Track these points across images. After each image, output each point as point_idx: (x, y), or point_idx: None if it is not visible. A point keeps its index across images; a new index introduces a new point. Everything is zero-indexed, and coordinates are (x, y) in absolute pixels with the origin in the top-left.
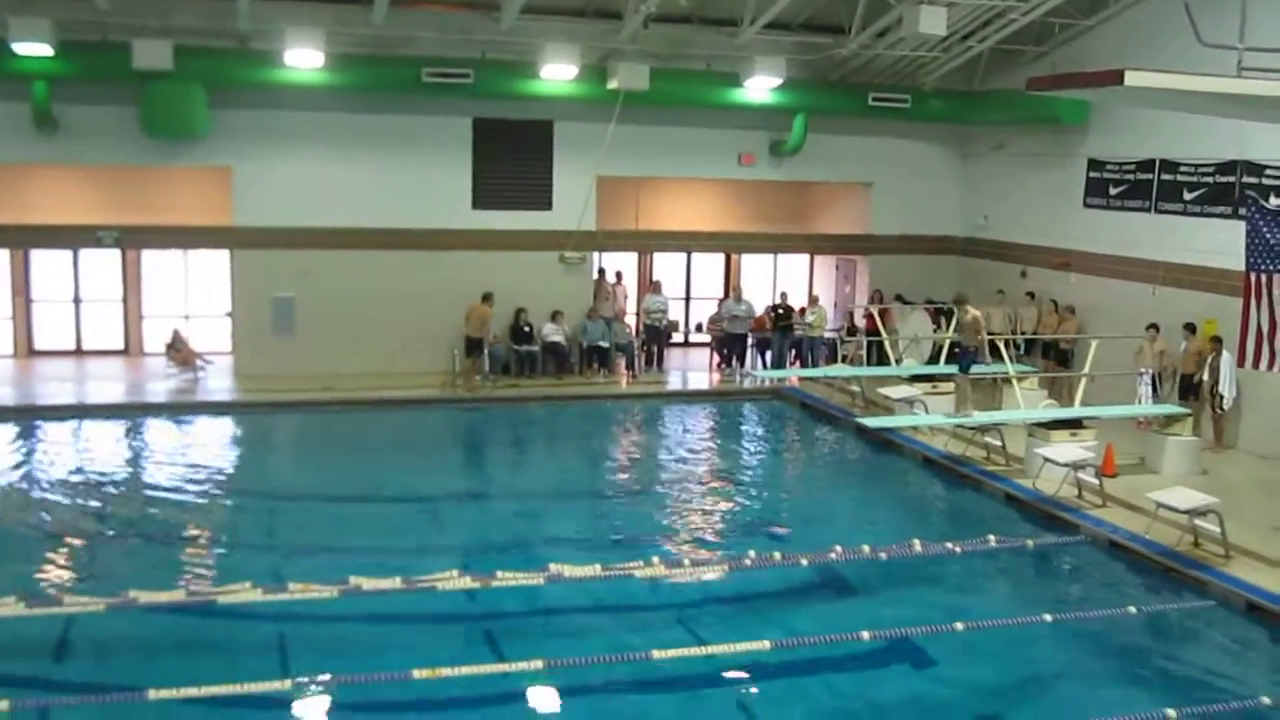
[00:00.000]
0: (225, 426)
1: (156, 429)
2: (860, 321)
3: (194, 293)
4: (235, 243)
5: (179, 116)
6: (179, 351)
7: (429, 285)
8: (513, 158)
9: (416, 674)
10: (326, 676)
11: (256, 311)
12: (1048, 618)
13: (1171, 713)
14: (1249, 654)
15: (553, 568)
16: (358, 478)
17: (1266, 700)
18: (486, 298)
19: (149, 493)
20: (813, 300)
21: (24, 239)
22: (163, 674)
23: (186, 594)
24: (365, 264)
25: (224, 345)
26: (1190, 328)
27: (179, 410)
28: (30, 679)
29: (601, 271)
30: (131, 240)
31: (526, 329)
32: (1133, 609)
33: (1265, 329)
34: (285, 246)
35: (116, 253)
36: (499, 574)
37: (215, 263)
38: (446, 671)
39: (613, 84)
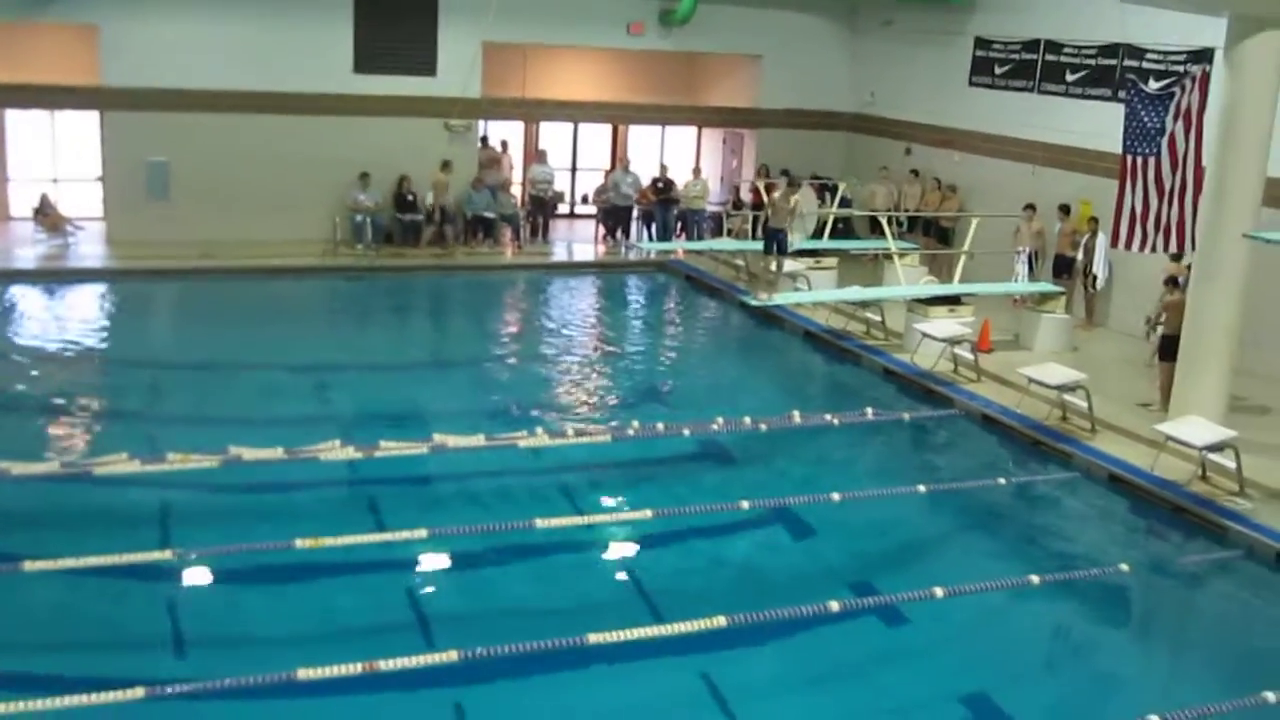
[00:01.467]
0: (99, 294)
1: (25, 296)
2: (746, 196)
3: (63, 156)
4: (105, 104)
5: None
6: (47, 216)
7: (310, 151)
8: (396, 20)
9: (299, 543)
10: (207, 547)
11: (129, 176)
12: (921, 488)
13: (1035, 579)
14: (1110, 524)
15: (436, 438)
16: (238, 347)
17: (1125, 567)
18: (445, 166)
19: (19, 361)
20: (695, 173)
21: None
22: (39, 546)
23: (61, 465)
24: (243, 128)
25: (95, 211)
26: (1065, 209)
27: (49, 277)
28: None
29: (485, 139)
30: None
31: (410, 197)
32: (1001, 480)
33: (1139, 211)
34: (158, 108)
35: None
36: (382, 444)
37: (85, 125)
38: (329, 541)
39: None
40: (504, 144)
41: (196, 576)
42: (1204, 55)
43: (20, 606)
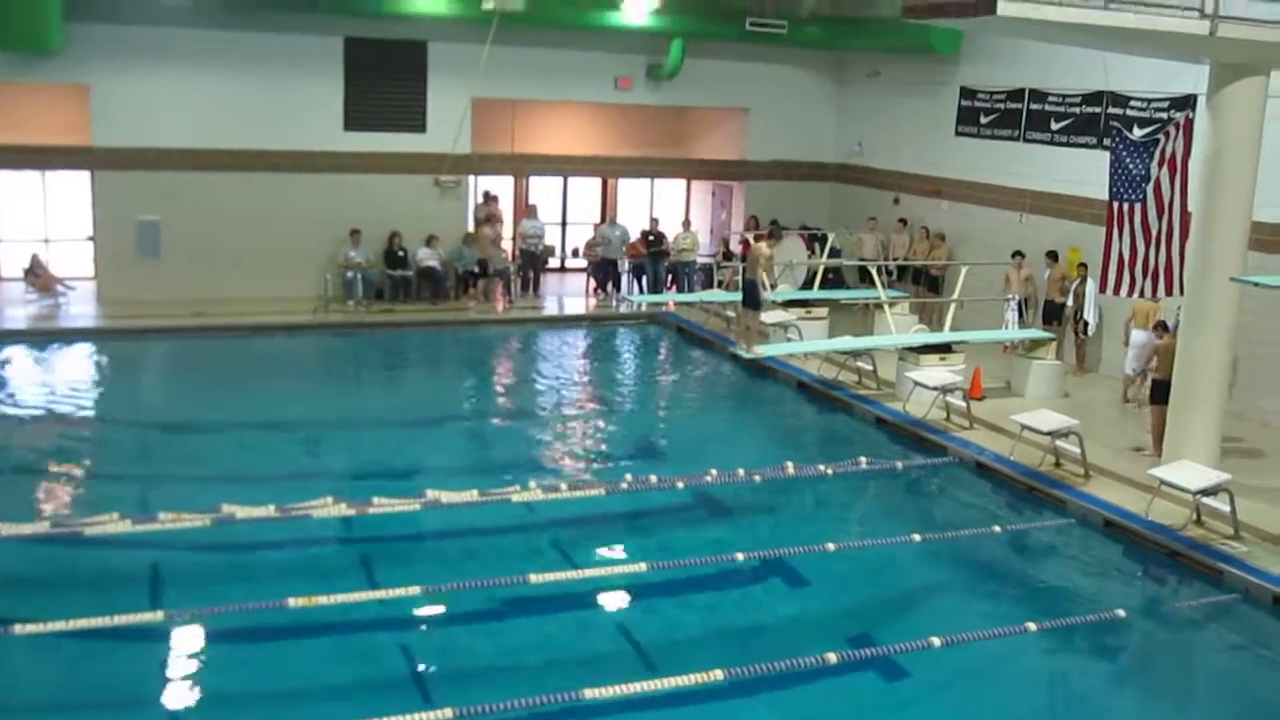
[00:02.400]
0: (90, 353)
1: (17, 357)
2: (736, 247)
3: (54, 216)
4: (95, 164)
5: (30, 28)
6: (38, 277)
7: (301, 209)
8: (386, 78)
9: (292, 602)
10: (200, 607)
11: (121, 235)
12: (916, 537)
13: (1032, 626)
14: (1106, 569)
15: (429, 493)
16: (229, 405)
17: (1122, 612)
18: (488, 220)
19: (9, 421)
20: (685, 225)
21: None
22: (30, 608)
23: (51, 525)
24: (234, 187)
25: (87, 270)
26: (1053, 255)
27: (40, 337)
28: None
29: (488, 195)
30: None
31: (401, 253)
32: (997, 528)
33: (1126, 257)
34: (149, 168)
35: None
36: (375, 500)
37: (75, 185)
38: (322, 599)
39: (488, 4)
40: (491, 197)
41: (188, 637)
42: (1187, 102)
43: (10, 669)
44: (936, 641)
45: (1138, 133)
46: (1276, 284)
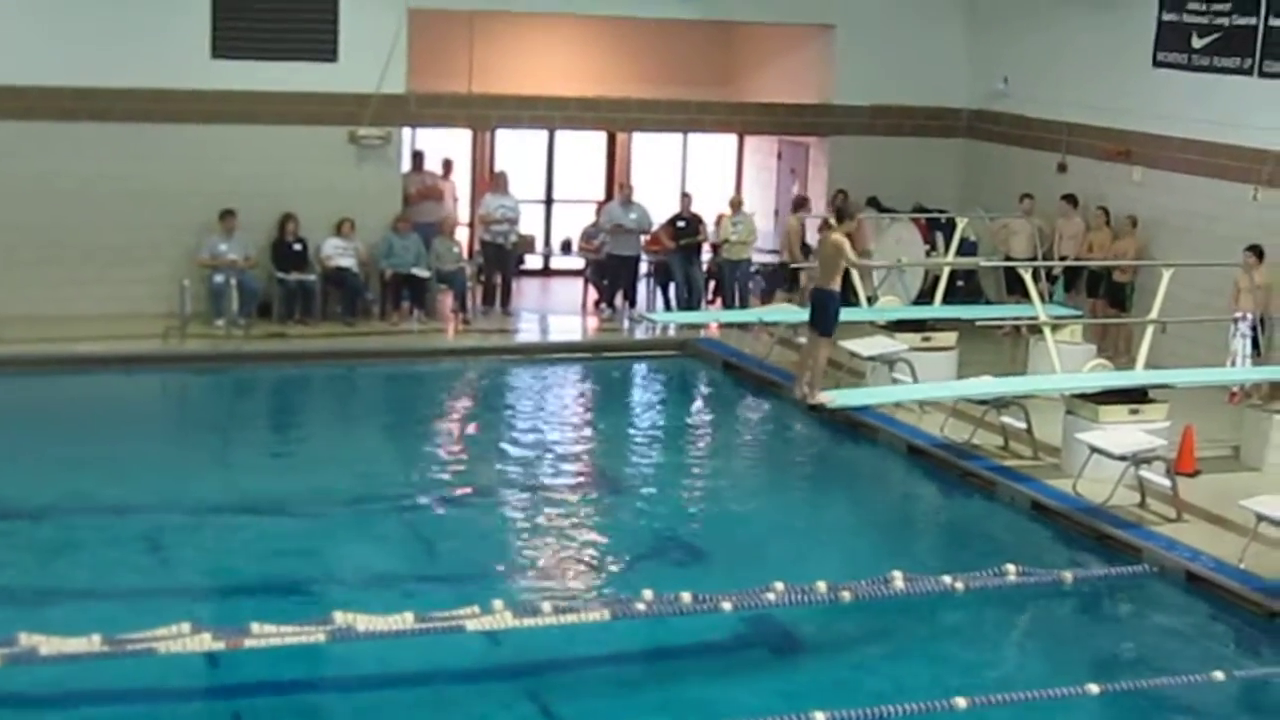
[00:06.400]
0: None
1: None
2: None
3: None
4: None
5: None
6: None
7: (144, 179)
8: None
9: None
10: None
11: None
12: (1094, 689)
13: None
14: None
15: (339, 617)
16: (31, 479)
17: None
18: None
19: None
20: (734, 205)
21: None
22: None
23: None
24: (41, 145)
25: None
26: None
27: None
28: None
29: (419, 158)
30: None
31: (298, 248)
32: (1219, 674)
33: None
34: None
35: None
36: (255, 628)
37: None
38: None
39: None
40: (447, 164)
41: None
42: None
43: None
44: None
45: None
46: None
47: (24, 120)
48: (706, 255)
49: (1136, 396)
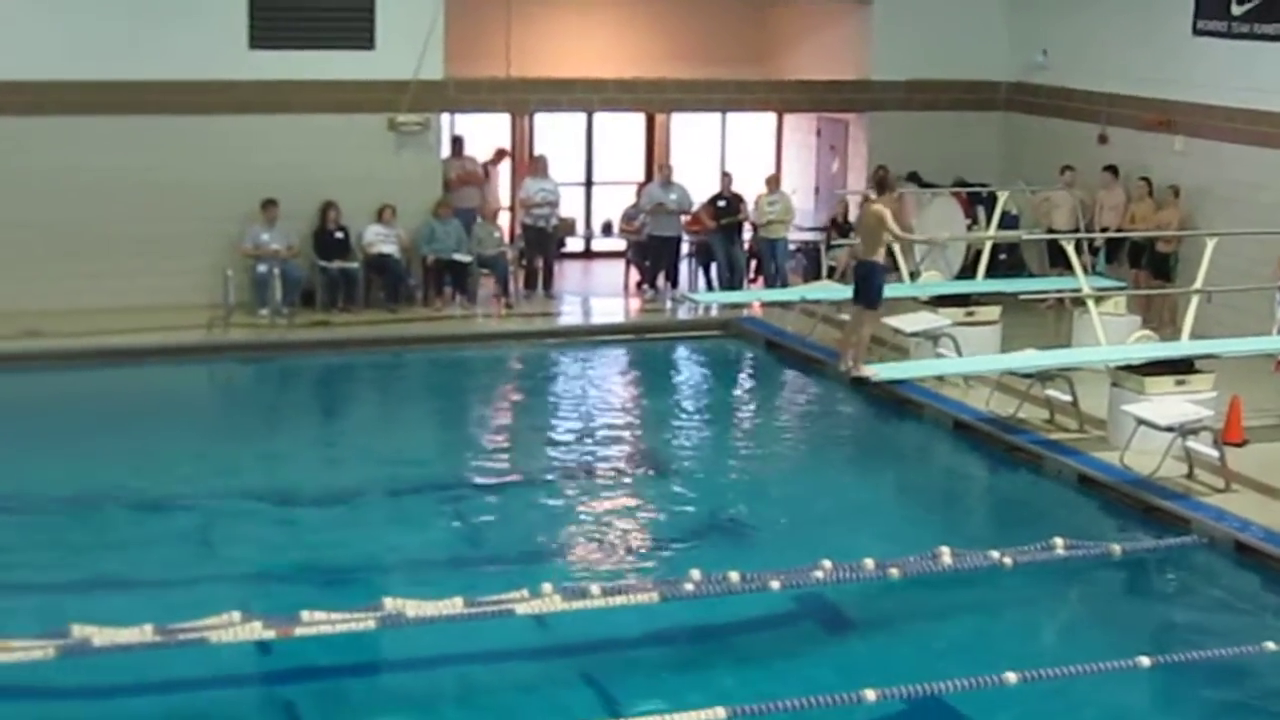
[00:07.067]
0: None
1: None
2: (855, 216)
3: None
4: None
5: None
6: None
7: (185, 171)
8: None
9: None
10: None
11: None
12: (1145, 661)
13: None
14: None
15: (389, 603)
16: (78, 472)
17: None
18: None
19: None
20: (772, 183)
21: None
22: None
23: None
24: (81, 139)
25: None
26: None
27: None
28: None
29: (458, 143)
30: None
31: (339, 235)
32: (1271, 644)
33: None
34: None
35: None
36: (305, 615)
37: None
38: None
39: None
40: (499, 153)
41: None
42: None
43: None
44: None
45: None
46: None
47: (65, 115)
48: (747, 235)
49: (1182, 367)
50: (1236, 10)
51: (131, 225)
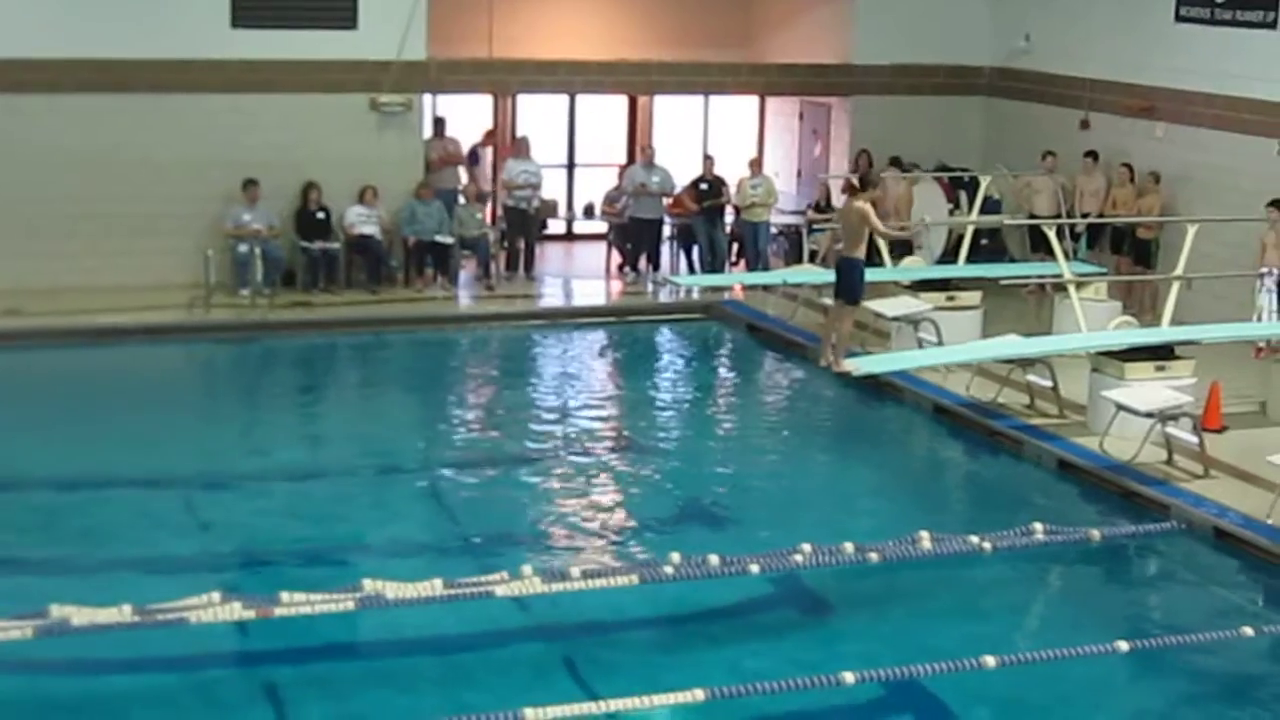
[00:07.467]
0: None
1: None
2: (839, 200)
3: None
4: None
5: None
6: None
7: (167, 150)
8: None
9: None
10: None
11: None
12: (1123, 646)
13: None
14: None
15: (368, 585)
16: (57, 451)
17: None
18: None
19: None
20: (755, 166)
21: None
22: None
23: None
24: (63, 117)
25: None
26: None
27: None
28: None
29: (440, 124)
30: None
31: (321, 216)
32: (1249, 630)
33: None
34: None
35: None
36: (284, 597)
37: None
38: None
39: None
40: (488, 135)
41: None
42: None
43: None
44: None
45: None
46: None
47: (46, 93)
48: (729, 218)
49: (1162, 353)
50: None
51: (112, 204)
